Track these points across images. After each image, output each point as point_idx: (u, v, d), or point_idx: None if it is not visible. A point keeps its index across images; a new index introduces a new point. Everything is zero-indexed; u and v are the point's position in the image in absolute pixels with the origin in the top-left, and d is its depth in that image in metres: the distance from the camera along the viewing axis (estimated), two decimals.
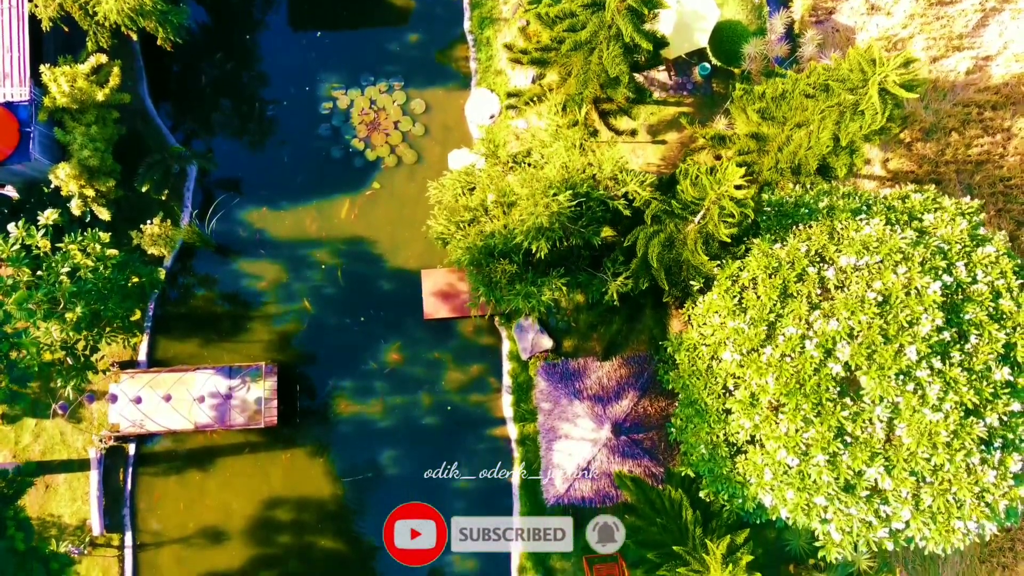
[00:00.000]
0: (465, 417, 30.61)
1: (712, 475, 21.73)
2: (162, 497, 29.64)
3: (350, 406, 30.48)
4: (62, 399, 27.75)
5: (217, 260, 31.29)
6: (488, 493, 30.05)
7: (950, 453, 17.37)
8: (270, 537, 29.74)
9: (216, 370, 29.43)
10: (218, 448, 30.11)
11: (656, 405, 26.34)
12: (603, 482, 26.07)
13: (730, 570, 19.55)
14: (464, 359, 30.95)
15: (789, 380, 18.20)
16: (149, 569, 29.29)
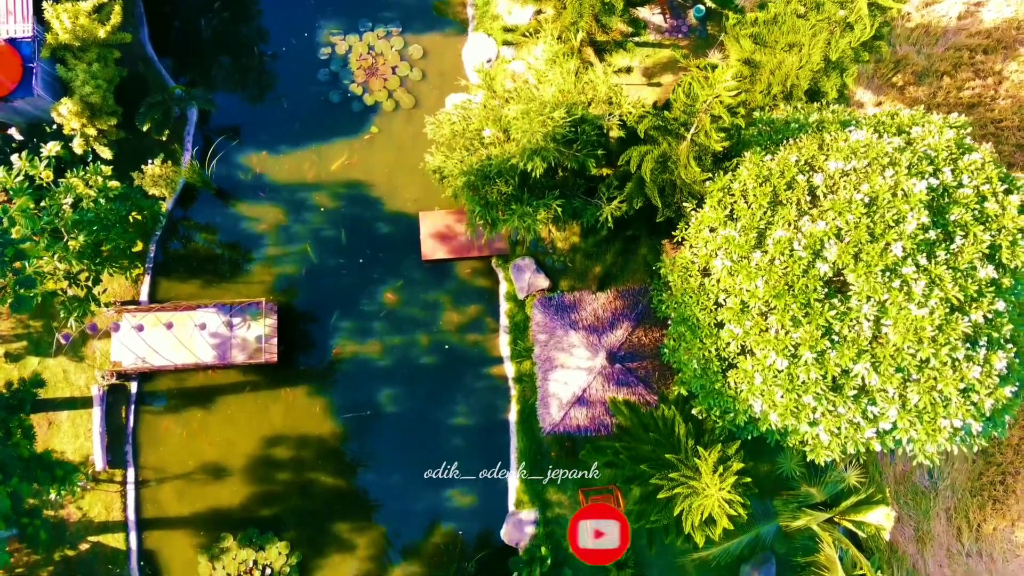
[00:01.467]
0: (463, 357, 31.00)
1: (704, 391, 22.13)
2: (163, 434, 30.03)
3: (349, 346, 30.85)
4: (65, 331, 28.08)
5: (217, 203, 31.65)
6: (486, 432, 30.47)
7: (935, 348, 17.75)
8: (270, 474, 30.15)
9: (217, 308, 29.80)
10: (219, 387, 30.50)
11: (650, 335, 26.72)
12: (598, 409, 26.48)
13: (720, 472, 19.95)
14: (462, 300, 31.34)
15: (778, 282, 18.58)
16: (151, 504, 29.69)
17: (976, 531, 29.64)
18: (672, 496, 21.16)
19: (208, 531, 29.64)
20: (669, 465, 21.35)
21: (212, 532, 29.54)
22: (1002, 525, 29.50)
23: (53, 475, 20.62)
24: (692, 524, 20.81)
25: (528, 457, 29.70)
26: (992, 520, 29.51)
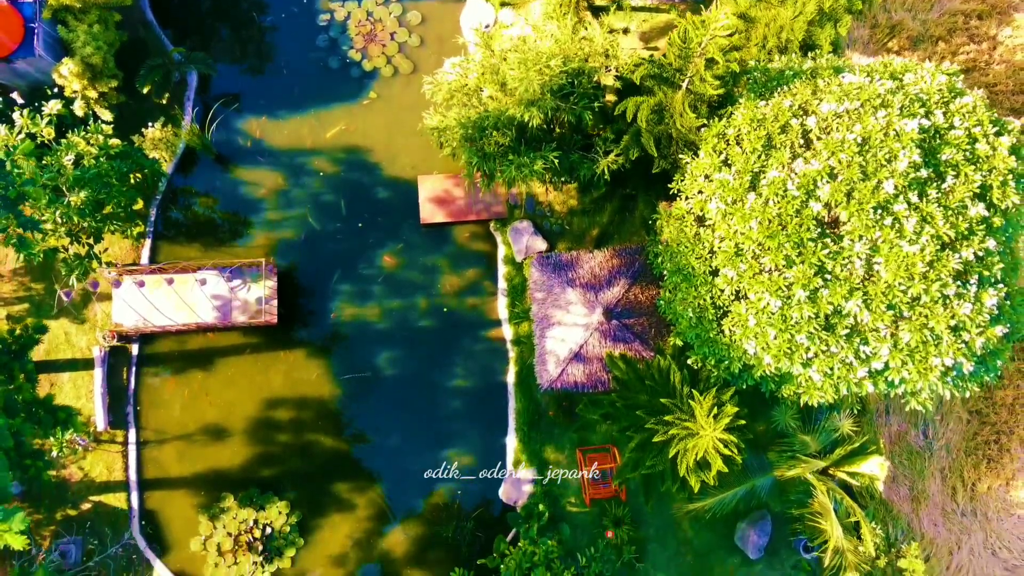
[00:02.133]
0: (461, 320, 31.22)
1: (699, 340, 22.36)
2: (164, 395, 30.26)
3: (348, 309, 31.08)
4: (66, 288, 28.27)
5: (217, 168, 31.86)
6: (483, 393, 30.71)
7: (926, 284, 17.98)
8: (271, 435, 30.39)
9: (217, 270, 30.02)
10: (219, 349, 30.73)
11: (647, 293, 26.95)
12: (595, 366, 26.71)
13: (714, 413, 20.20)
14: (460, 264, 31.56)
15: (772, 222, 18.81)
16: (152, 464, 29.93)
17: (971, 490, 29.88)
18: (667, 440, 21.40)
19: (209, 491, 29.89)
20: (665, 411, 21.56)
21: (213, 492, 29.78)
22: (996, 484, 29.74)
23: (55, 418, 20.86)
24: (687, 467, 21.05)
25: (526, 418, 29.95)
26: (987, 479, 29.76)
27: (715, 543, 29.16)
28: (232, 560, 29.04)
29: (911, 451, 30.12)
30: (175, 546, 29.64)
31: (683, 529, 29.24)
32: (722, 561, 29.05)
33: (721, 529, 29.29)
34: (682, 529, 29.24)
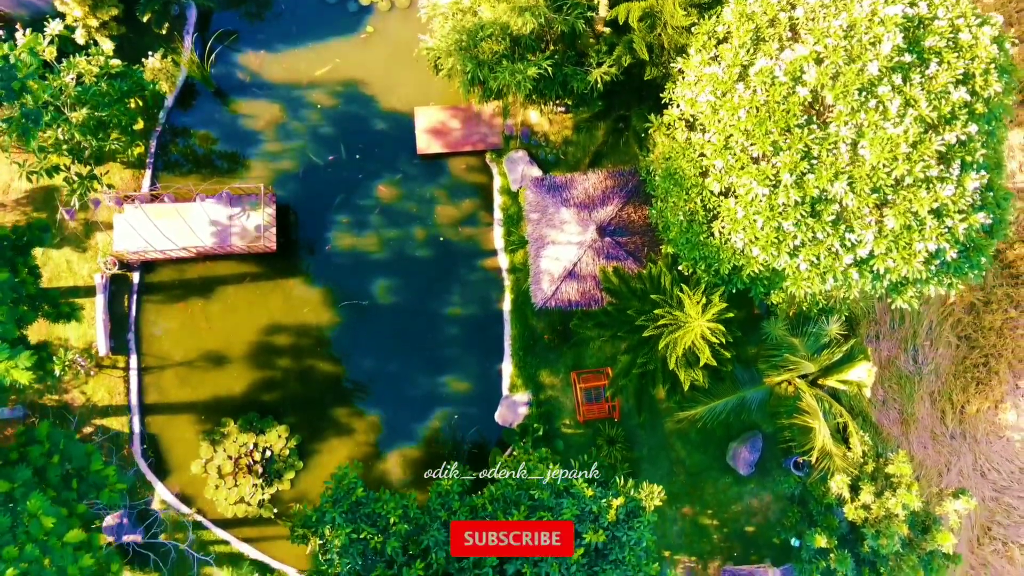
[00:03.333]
0: (457, 250, 31.65)
1: (689, 244, 22.76)
2: (165, 322, 30.70)
3: (346, 239, 31.50)
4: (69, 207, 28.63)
5: (216, 102, 32.24)
6: (480, 320, 31.17)
7: (910, 164, 18.39)
8: (270, 361, 30.85)
9: (216, 198, 30.42)
10: (219, 278, 31.15)
11: (640, 212, 27.36)
12: (588, 283, 27.14)
13: (703, 303, 20.62)
14: (456, 195, 31.97)
15: (760, 110, 19.23)
16: (154, 390, 30.40)
17: (959, 413, 30.35)
18: (657, 337, 21.82)
19: (209, 416, 30.36)
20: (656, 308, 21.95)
21: (213, 417, 30.25)
22: (985, 406, 30.21)
23: (59, 310, 21.27)
24: (676, 360, 21.48)
25: (521, 343, 30.40)
26: (975, 402, 30.22)
27: (707, 463, 29.66)
28: (232, 482, 29.50)
29: (901, 375, 30.58)
30: (176, 469, 30.15)
31: (675, 449, 29.74)
32: (714, 481, 29.54)
33: (713, 451, 29.82)
34: (674, 449, 29.74)
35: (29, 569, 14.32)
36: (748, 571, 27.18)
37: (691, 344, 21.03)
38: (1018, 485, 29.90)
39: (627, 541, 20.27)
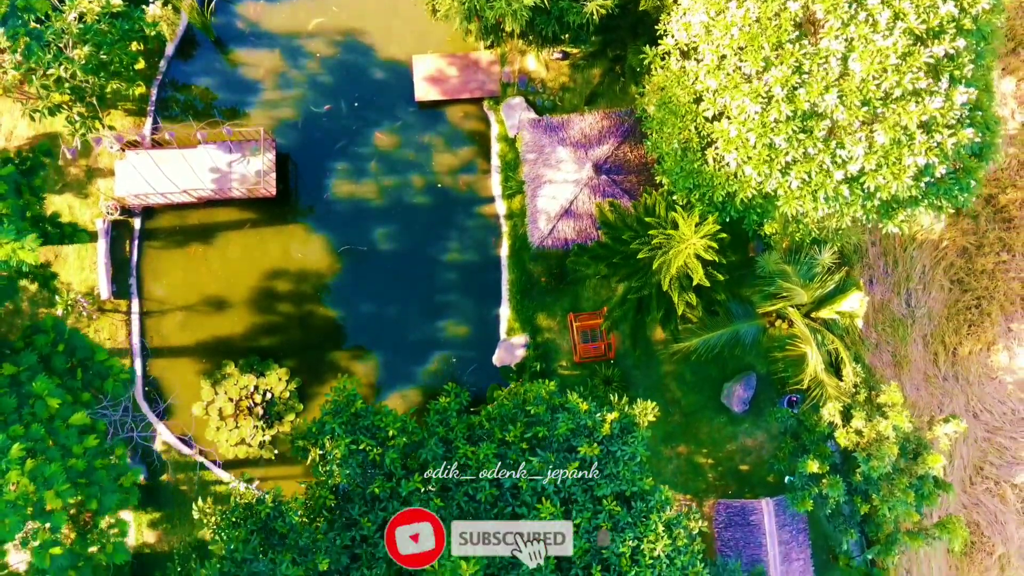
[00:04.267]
0: (456, 196, 31.97)
1: (684, 173, 23.09)
2: (166, 267, 31.03)
3: (345, 187, 31.81)
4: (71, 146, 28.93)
5: (215, 52, 32.53)
6: (477, 266, 31.52)
7: (898, 76, 18.70)
8: (271, 305, 31.20)
9: (217, 145, 30.73)
10: (220, 224, 31.47)
11: (636, 152, 27.69)
12: (584, 222, 27.48)
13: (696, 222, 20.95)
14: (454, 143, 32.27)
15: (752, 27, 19.54)
16: (155, 333, 30.75)
17: (952, 355, 30.69)
18: (651, 261, 22.14)
19: (210, 359, 30.71)
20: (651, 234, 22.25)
21: (214, 360, 30.58)
22: (977, 348, 30.55)
23: (62, 231, 21.59)
24: (671, 283, 21.80)
25: (518, 287, 30.73)
26: (968, 343, 30.56)
27: (702, 403, 30.03)
28: (233, 424, 29.82)
29: (894, 319, 30.92)
30: (177, 411, 30.51)
31: (671, 390, 30.10)
32: (709, 420, 29.91)
33: (708, 391, 30.18)
34: (670, 390, 30.10)
35: (35, 447, 14.66)
36: (742, 504, 27.52)
37: (684, 264, 21.33)
38: (1010, 426, 30.26)
39: (621, 456, 20.61)
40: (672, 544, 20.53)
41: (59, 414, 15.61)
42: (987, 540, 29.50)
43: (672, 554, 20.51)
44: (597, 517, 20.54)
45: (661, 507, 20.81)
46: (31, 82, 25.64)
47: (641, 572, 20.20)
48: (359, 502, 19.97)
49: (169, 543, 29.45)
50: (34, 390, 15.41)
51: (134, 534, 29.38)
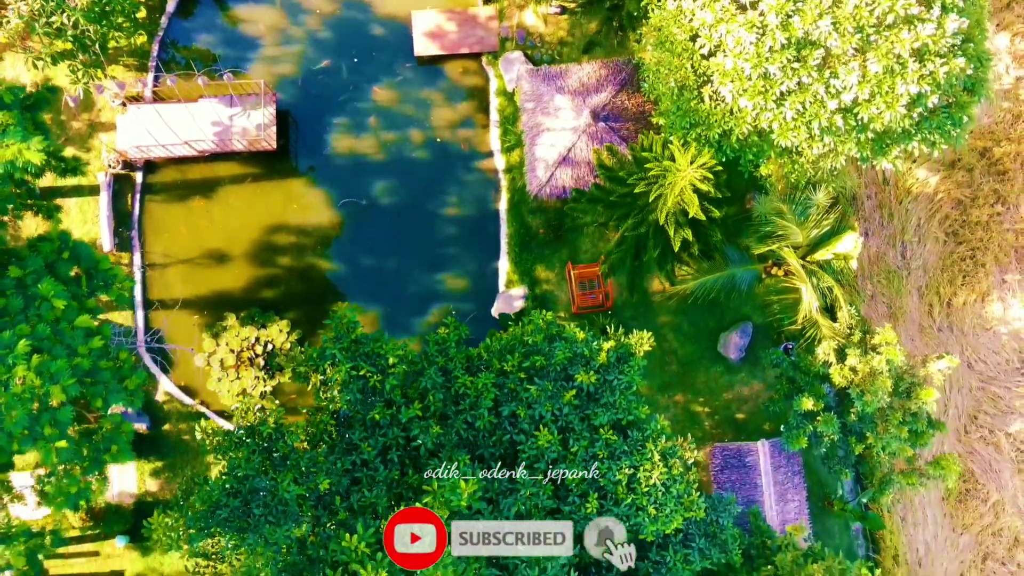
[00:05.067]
0: (454, 151, 32.23)
1: (680, 112, 23.34)
2: (168, 221, 31.29)
3: (345, 141, 32.08)
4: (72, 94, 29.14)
5: (216, 7, 32.77)
6: (476, 220, 31.79)
7: (891, 1, 18.97)
8: (271, 259, 31.48)
9: (218, 99, 30.98)
10: (220, 178, 31.74)
11: (633, 100, 27.94)
12: (583, 169, 27.75)
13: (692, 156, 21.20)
14: (453, 98, 32.52)
15: None
16: (157, 285, 31.03)
17: (947, 306, 30.95)
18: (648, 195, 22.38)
19: (211, 311, 30.99)
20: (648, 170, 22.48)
21: (215, 312, 30.84)
22: (972, 299, 30.81)
23: (65, 164, 21.83)
24: (667, 217, 22.05)
25: (517, 240, 30.99)
26: (962, 294, 30.82)
27: (699, 353, 30.30)
28: (235, 375, 30.05)
29: (889, 271, 31.18)
30: (179, 362, 30.81)
31: (668, 340, 30.37)
32: (706, 369, 30.19)
33: (704, 341, 30.45)
34: (667, 340, 30.36)
35: (41, 345, 14.91)
36: (737, 447, 27.79)
37: (680, 199, 21.55)
38: (1004, 376, 30.53)
39: (617, 385, 20.85)
40: (668, 473, 20.75)
41: (64, 316, 15.89)
42: (982, 487, 29.78)
43: (668, 483, 20.72)
44: (594, 446, 20.77)
45: (657, 437, 21.02)
46: (34, 30, 25.93)
47: (637, 499, 20.44)
48: (359, 428, 20.24)
49: (171, 491, 29.72)
50: (40, 292, 15.69)
51: (136, 482, 29.68)
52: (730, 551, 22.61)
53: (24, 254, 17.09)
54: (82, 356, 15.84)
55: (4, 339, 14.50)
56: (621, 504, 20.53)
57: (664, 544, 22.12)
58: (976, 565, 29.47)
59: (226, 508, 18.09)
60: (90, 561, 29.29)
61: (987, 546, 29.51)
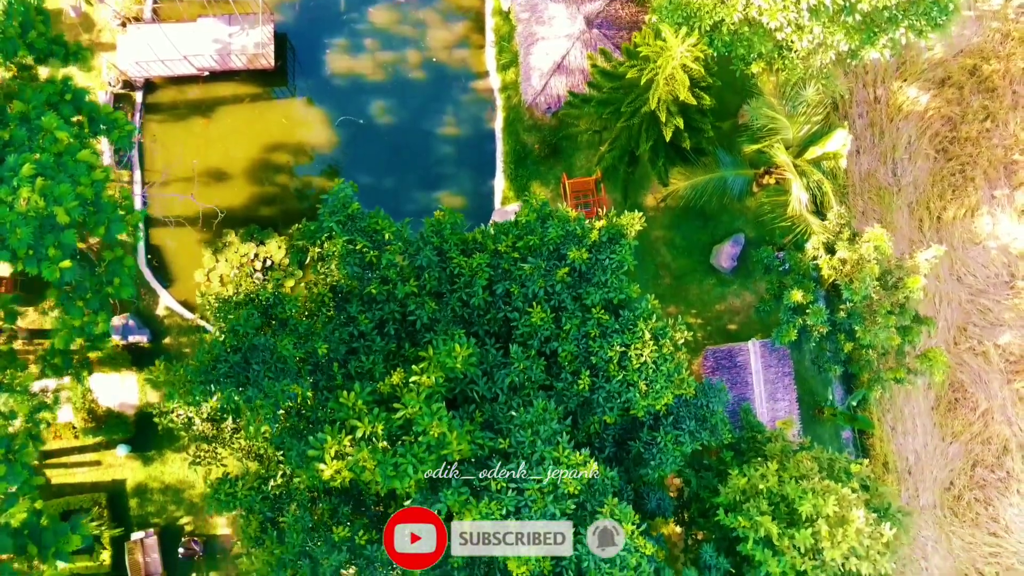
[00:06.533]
0: (451, 72, 32.60)
1: (672, 5, 23.65)
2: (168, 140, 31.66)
3: (342, 62, 32.44)
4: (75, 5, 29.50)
5: None
6: (472, 140, 32.18)
7: None
8: (269, 177, 31.88)
9: (217, 18, 31.32)
10: (219, 99, 32.12)
11: (628, 10, 28.31)
12: (577, 77, 28.12)
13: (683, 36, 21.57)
14: (450, 19, 32.89)
15: None
16: (157, 203, 31.37)
17: (937, 221, 31.34)
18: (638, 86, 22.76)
19: (211, 228, 31.35)
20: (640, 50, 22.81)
21: (215, 229, 31.23)
22: (961, 213, 31.19)
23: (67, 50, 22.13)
24: (659, 103, 22.41)
25: (513, 157, 31.37)
26: (952, 208, 31.20)
27: (692, 267, 30.71)
28: (234, 291, 30.46)
29: (880, 188, 31.57)
30: (179, 277, 31.22)
31: (661, 254, 30.78)
32: (699, 282, 30.60)
33: (697, 255, 30.85)
34: (660, 254, 30.77)
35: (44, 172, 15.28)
36: (729, 348, 28.23)
37: (672, 80, 21.91)
38: (993, 289, 30.93)
39: (609, 264, 21.21)
40: (658, 352, 21.15)
41: (68, 150, 16.27)
42: (971, 396, 30.21)
43: (658, 361, 21.11)
44: (586, 324, 21.17)
45: (647, 316, 21.39)
46: None
47: (628, 376, 20.84)
48: (357, 302, 20.63)
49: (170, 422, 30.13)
50: (43, 124, 16.08)
51: (138, 394, 30.11)
52: (720, 434, 23.06)
53: (27, 91, 17.44)
54: (84, 185, 16.24)
55: (9, 163, 14.90)
56: (612, 381, 20.93)
57: (655, 425, 22.55)
58: (965, 472, 29.93)
59: (226, 363, 18.53)
60: (92, 470, 29.74)
61: (976, 453, 29.96)
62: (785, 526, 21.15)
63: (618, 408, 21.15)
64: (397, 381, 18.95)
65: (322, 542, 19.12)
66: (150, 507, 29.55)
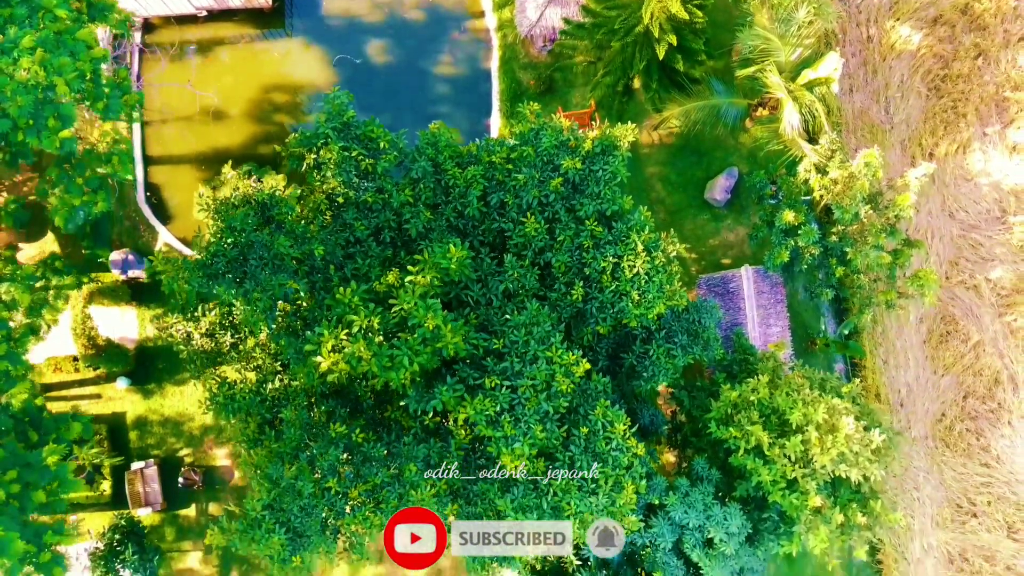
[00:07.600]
0: (446, 11, 32.81)
1: None
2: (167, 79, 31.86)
3: (339, 2, 32.68)
4: None
5: None
6: (468, 79, 32.41)
7: None
8: (267, 116, 32.11)
9: None
10: (217, 39, 32.34)
11: None
12: (571, 9, 28.34)
13: None
14: None
15: None
16: (155, 142, 31.71)
17: (928, 158, 31.57)
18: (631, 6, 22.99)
19: (209, 167, 31.64)
20: None
21: (213, 168, 31.48)
22: (953, 149, 31.44)
23: None
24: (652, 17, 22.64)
25: (509, 95, 31.61)
26: (943, 144, 31.45)
27: (686, 202, 30.99)
28: None
29: (873, 126, 31.82)
30: (177, 216, 31.48)
31: (656, 190, 31.05)
32: (693, 217, 30.87)
33: (692, 190, 31.12)
34: (655, 190, 31.05)
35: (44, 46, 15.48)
36: (722, 275, 28.51)
37: None
38: (985, 224, 31.21)
39: (602, 176, 21.46)
40: (651, 263, 21.41)
41: (67, 30, 16.52)
42: (962, 329, 30.50)
43: (651, 272, 21.37)
44: (580, 236, 21.43)
45: (640, 228, 21.65)
46: None
47: (621, 286, 21.11)
48: (352, 209, 20.90)
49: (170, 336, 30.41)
50: (43, 3, 16.33)
51: (137, 329, 30.40)
52: (712, 350, 23.38)
53: None
54: (83, 61, 16.49)
55: (10, 35, 15.16)
56: (605, 291, 21.20)
57: (648, 338, 22.87)
58: (957, 403, 30.25)
59: (223, 258, 18.80)
60: (92, 403, 30.02)
61: (968, 385, 30.27)
62: (776, 436, 21.45)
63: (611, 319, 21.43)
64: (393, 281, 19.24)
65: (320, 439, 19.43)
66: (150, 439, 29.85)
